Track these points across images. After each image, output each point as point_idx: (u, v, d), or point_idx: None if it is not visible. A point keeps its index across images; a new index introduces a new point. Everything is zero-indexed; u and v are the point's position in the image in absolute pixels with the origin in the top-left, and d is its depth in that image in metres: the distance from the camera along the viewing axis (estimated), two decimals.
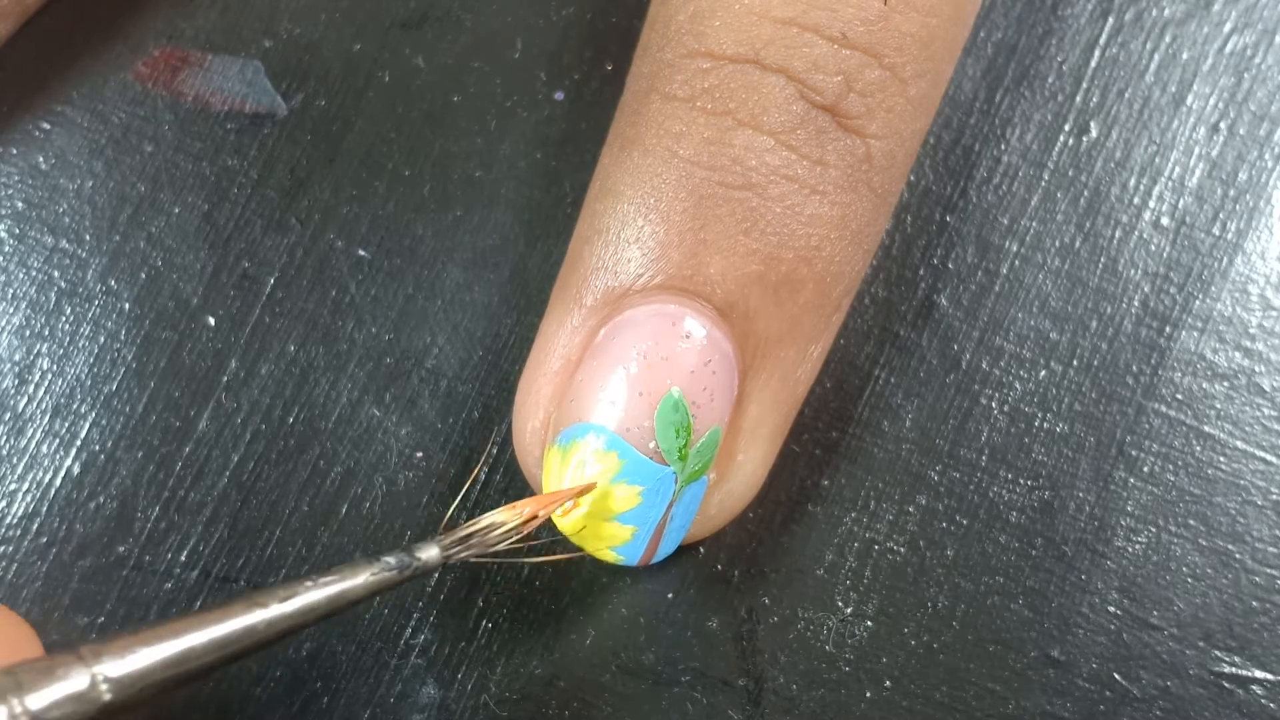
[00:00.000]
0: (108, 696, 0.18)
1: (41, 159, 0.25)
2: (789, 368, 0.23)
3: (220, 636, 0.19)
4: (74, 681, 0.18)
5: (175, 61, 0.26)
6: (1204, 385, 0.25)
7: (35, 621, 0.22)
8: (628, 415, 0.21)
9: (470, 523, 0.21)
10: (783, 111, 0.21)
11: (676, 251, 0.22)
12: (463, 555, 0.21)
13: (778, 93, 0.21)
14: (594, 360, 0.22)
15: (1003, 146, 0.26)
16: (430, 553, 0.21)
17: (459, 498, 0.24)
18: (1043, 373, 0.25)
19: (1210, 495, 0.25)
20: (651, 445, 0.21)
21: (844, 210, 0.22)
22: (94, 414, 0.25)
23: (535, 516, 0.21)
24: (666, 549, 0.23)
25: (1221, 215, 0.25)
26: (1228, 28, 0.26)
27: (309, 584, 0.20)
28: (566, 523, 0.22)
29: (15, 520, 0.24)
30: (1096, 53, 0.26)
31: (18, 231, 0.25)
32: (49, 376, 0.25)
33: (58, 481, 0.24)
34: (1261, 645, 0.24)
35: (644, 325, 0.21)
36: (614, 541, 0.22)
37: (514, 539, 0.21)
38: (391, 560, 0.20)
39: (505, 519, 0.21)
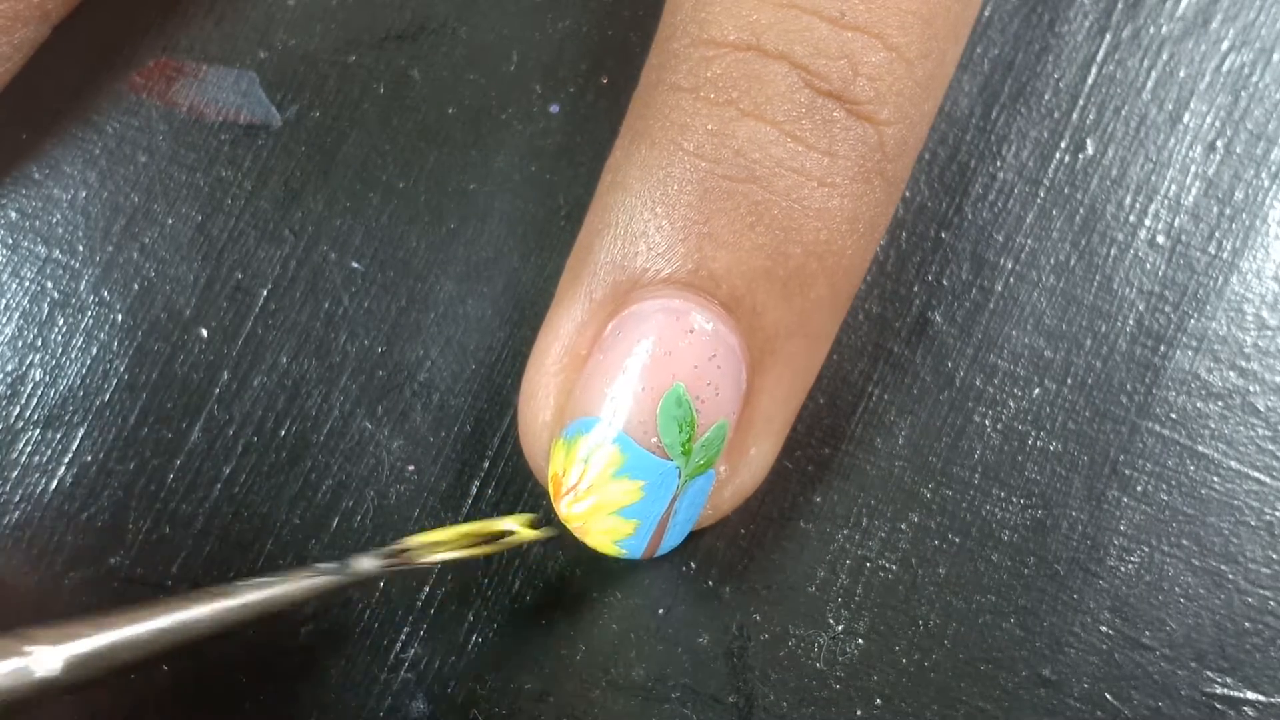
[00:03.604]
0: (39, 673, 0.20)
1: (35, 169, 0.25)
2: (800, 362, 0.22)
3: (160, 628, 0.20)
4: (12, 662, 0.19)
5: (170, 72, 0.26)
6: (1198, 405, 0.25)
7: None
8: (630, 410, 0.21)
9: (408, 540, 0.22)
10: (786, 101, 0.21)
11: (682, 246, 0.21)
12: (397, 570, 0.22)
13: (780, 81, 0.21)
14: (600, 354, 0.22)
15: (998, 163, 0.26)
16: (364, 564, 0.22)
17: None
18: (1037, 391, 0.25)
19: (1204, 515, 0.25)
20: (654, 440, 0.21)
21: (856, 202, 0.22)
22: (86, 425, 0.25)
23: (473, 547, 0.22)
24: (671, 542, 0.22)
25: (1217, 234, 0.25)
26: (1225, 46, 0.26)
27: (244, 585, 0.21)
28: (569, 512, 0.22)
29: (6, 531, 0.24)
30: (1093, 70, 0.26)
31: (11, 241, 0.25)
32: (41, 387, 0.25)
33: (49, 493, 0.24)
34: (1254, 666, 0.24)
35: (649, 320, 0.21)
36: (616, 535, 0.22)
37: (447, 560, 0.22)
38: (328, 567, 0.22)
39: (444, 539, 0.22)
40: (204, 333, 0.25)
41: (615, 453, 0.21)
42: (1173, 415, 0.25)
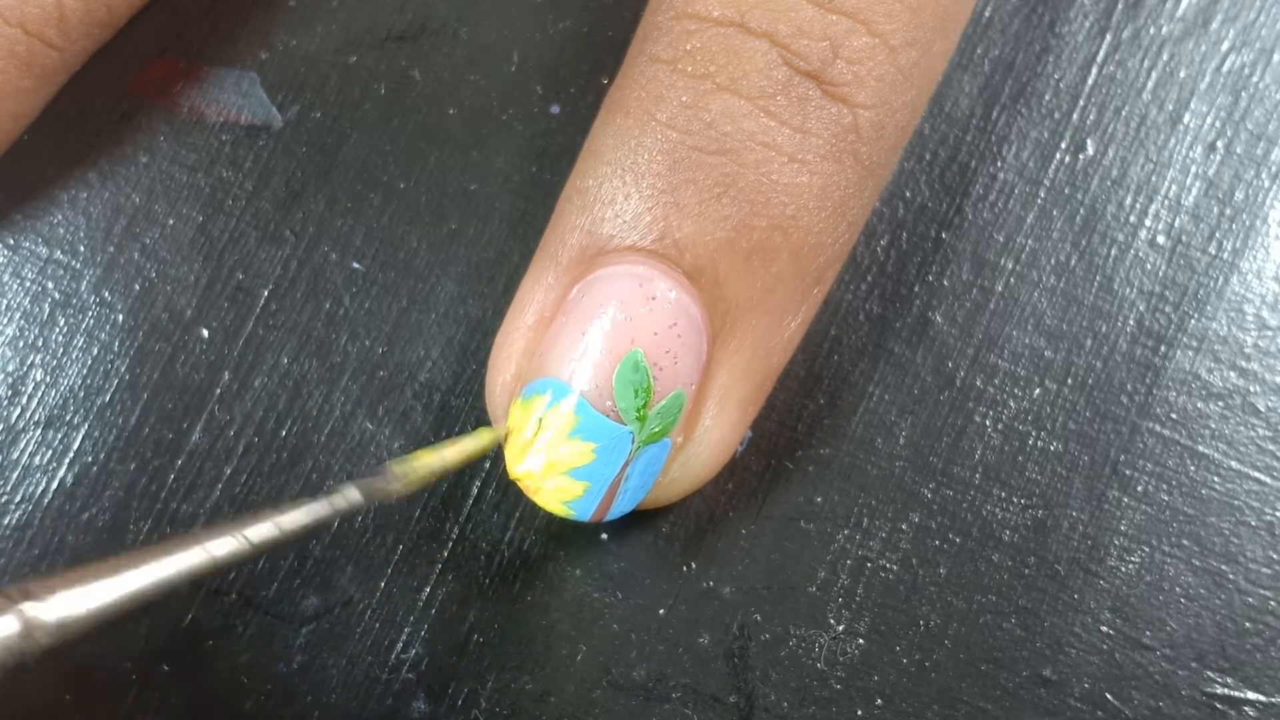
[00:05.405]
0: (44, 641, 0.18)
1: (35, 169, 0.25)
2: (761, 336, 0.23)
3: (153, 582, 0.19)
4: (3, 623, 0.18)
5: (171, 73, 0.26)
6: (1199, 405, 0.25)
7: None
8: (588, 372, 0.21)
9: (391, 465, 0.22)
10: (763, 77, 0.21)
11: (648, 215, 0.22)
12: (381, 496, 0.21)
13: (760, 58, 0.21)
14: (563, 317, 0.22)
15: (999, 164, 0.26)
16: (350, 494, 0.21)
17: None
18: (1037, 391, 0.25)
19: (1204, 515, 0.25)
20: (609, 404, 0.21)
21: (825, 180, 0.22)
22: (87, 425, 0.25)
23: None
24: (622, 508, 0.23)
25: (1218, 234, 0.25)
26: (1225, 46, 0.26)
27: (216, 529, 0.20)
28: (518, 471, 0.22)
29: (7, 532, 0.24)
30: (1094, 70, 0.26)
31: (12, 242, 0.25)
32: (42, 388, 0.25)
33: (50, 493, 0.24)
34: (1254, 666, 0.24)
35: (611, 285, 0.22)
36: (565, 496, 0.22)
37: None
38: (307, 499, 0.21)
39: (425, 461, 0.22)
40: (205, 333, 0.25)
41: (570, 414, 0.21)
42: (1173, 415, 0.25)
